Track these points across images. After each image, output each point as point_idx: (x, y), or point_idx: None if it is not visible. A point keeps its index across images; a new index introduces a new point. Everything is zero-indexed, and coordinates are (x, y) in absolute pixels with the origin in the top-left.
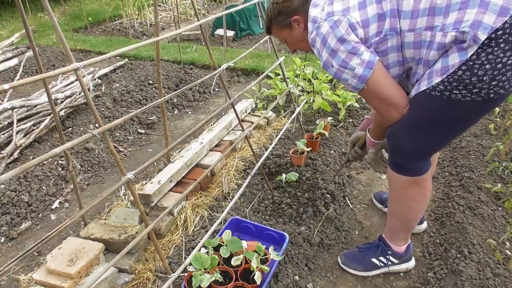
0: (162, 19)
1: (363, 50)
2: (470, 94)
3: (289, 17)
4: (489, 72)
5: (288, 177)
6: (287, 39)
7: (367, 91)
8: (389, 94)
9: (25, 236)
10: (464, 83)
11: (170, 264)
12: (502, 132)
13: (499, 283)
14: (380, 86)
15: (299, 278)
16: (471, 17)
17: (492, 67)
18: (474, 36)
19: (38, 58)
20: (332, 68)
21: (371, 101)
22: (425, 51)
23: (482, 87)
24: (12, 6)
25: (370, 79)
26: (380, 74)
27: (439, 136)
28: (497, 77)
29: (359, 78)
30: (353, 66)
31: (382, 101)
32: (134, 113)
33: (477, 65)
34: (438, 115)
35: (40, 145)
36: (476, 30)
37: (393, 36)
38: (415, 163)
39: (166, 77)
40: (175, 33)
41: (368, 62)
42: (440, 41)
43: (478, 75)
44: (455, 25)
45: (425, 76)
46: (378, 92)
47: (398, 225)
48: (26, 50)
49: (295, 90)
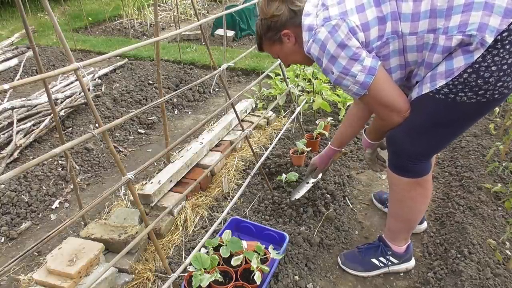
0: (162, 19)
1: (365, 56)
2: (476, 96)
3: (279, 32)
4: (495, 74)
5: (288, 177)
6: (279, 54)
7: (368, 97)
8: (391, 99)
9: (25, 236)
10: (470, 85)
11: (170, 264)
12: (502, 132)
13: (499, 283)
14: (382, 91)
15: (299, 278)
16: (476, 19)
17: (498, 68)
18: (482, 39)
19: (38, 58)
20: (332, 74)
21: (372, 106)
22: (428, 53)
23: (488, 89)
24: (12, 6)
25: (372, 85)
26: (382, 80)
27: (441, 137)
28: (503, 78)
29: (360, 84)
30: (354, 73)
31: (384, 106)
32: (134, 113)
33: (483, 67)
34: (441, 117)
35: (40, 145)
36: (483, 33)
37: (395, 40)
38: (417, 165)
39: (166, 77)
40: (175, 33)
41: (370, 68)
42: (445, 45)
43: (484, 77)
44: (460, 28)
45: (427, 79)
46: (380, 98)
47: (399, 226)
48: (26, 50)
49: (295, 90)
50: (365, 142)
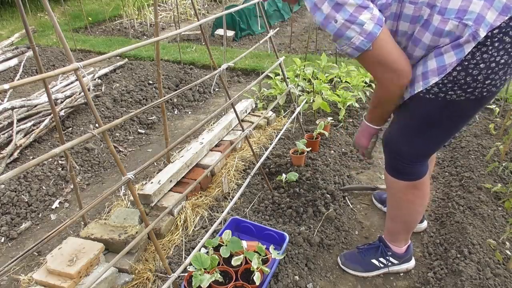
0: (162, 19)
1: (373, 6)
2: (465, 93)
3: None
4: (483, 72)
5: (288, 177)
6: None
7: (370, 55)
8: (394, 59)
9: (25, 236)
10: (459, 83)
11: (170, 264)
12: (502, 132)
13: (499, 283)
14: (386, 47)
15: (299, 278)
16: (476, 9)
17: (486, 66)
18: (475, 31)
19: (38, 58)
20: (334, 23)
21: (372, 67)
22: (419, 28)
23: (477, 86)
24: (12, 6)
25: (378, 38)
26: (387, 35)
27: (436, 137)
28: (491, 76)
29: (367, 35)
30: (362, 20)
31: (385, 66)
32: (134, 113)
33: (472, 65)
34: (434, 117)
35: (40, 145)
36: (478, 26)
37: (395, 3)
38: (413, 167)
39: (166, 77)
40: (175, 33)
41: (378, 18)
42: (438, 26)
43: (473, 75)
44: (458, 13)
45: (418, 77)
46: (383, 55)
47: (398, 228)
48: (26, 50)
49: (295, 90)
50: (369, 131)
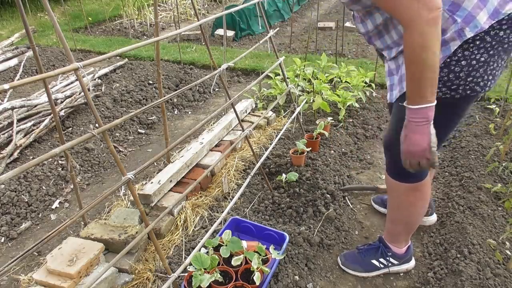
0: (162, 19)
1: None
2: (449, 91)
3: None
4: (464, 69)
5: (288, 177)
6: None
7: None
8: None
9: (25, 236)
10: (443, 80)
11: (170, 264)
12: (502, 132)
13: (499, 283)
14: None
15: (299, 278)
16: (469, 5)
17: (467, 63)
18: (461, 29)
19: (38, 58)
20: None
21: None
22: None
23: (460, 84)
24: (12, 6)
25: None
26: None
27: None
28: (472, 73)
29: None
30: None
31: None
32: (134, 113)
33: (453, 61)
34: None
35: (40, 145)
36: (465, 25)
37: None
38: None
39: (166, 77)
40: (175, 33)
41: None
42: None
43: (455, 72)
44: (452, 6)
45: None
46: None
47: (399, 229)
48: (26, 50)
49: (295, 90)
50: (425, 116)
